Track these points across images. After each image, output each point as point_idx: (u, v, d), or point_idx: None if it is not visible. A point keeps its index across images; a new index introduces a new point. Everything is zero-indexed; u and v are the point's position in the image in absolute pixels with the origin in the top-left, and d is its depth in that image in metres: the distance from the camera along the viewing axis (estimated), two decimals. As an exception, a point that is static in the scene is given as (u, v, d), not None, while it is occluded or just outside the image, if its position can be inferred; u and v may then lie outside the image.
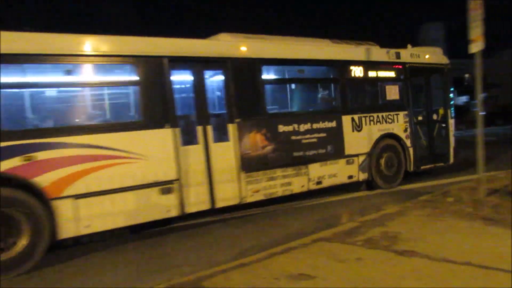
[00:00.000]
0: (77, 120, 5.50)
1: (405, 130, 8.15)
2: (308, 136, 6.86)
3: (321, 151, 6.99)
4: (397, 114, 8.06)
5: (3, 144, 4.53)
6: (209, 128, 5.98)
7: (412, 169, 8.24)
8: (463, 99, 29.12)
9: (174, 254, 4.94)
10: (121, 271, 4.57)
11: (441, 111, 8.76)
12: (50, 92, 5.50)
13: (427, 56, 8.57)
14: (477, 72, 5.71)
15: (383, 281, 3.31)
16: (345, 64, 7.51)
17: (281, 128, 6.62)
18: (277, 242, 4.73)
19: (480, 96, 5.83)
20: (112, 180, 5.16)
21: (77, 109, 5.66)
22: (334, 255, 3.97)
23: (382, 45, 8.32)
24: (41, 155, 4.73)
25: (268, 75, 7.02)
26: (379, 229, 4.68)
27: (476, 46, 5.61)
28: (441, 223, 4.81)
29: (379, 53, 8.01)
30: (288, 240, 4.63)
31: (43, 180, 4.71)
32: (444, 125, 8.76)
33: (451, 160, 8.72)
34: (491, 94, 29.32)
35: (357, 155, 7.46)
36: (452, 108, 8.91)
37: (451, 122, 8.78)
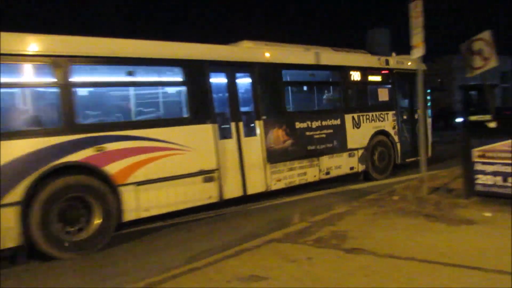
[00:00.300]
0: (137, 115, 6.31)
1: (394, 128, 9.24)
2: (319, 132, 7.79)
3: (329, 145, 7.96)
4: (387, 114, 9.12)
5: (80, 136, 5.13)
6: (241, 124, 6.80)
7: (399, 161, 9.28)
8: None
9: (124, 261, 4.78)
10: (70, 280, 4.38)
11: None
12: (116, 91, 6.34)
13: (409, 63, 9.47)
14: (419, 76, 6.01)
15: (332, 278, 3.39)
16: (347, 69, 8.49)
17: (298, 125, 7.50)
18: (230, 244, 4.71)
19: (421, 98, 6.14)
20: (166, 169, 5.82)
21: (137, 106, 6.41)
22: (285, 255, 4.02)
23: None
24: (109, 147, 5.33)
25: (286, 78, 7.83)
26: (329, 228, 4.79)
27: (418, 52, 5.91)
28: (387, 221, 5.00)
29: (372, 60, 9.16)
30: (241, 242, 4.63)
31: (111, 168, 5.32)
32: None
33: (430, 153, 9.47)
34: (433, 97, 31.03)
35: (357, 149, 8.44)
36: (430, 109, 10.19)
37: (429, 121, 9.84)
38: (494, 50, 7.42)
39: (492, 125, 5.40)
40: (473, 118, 5.66)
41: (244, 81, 7.24)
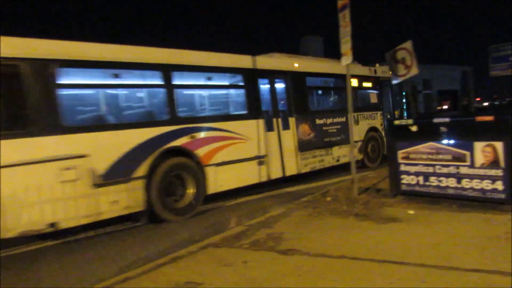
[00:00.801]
0: (214, 111, 8.26)
1: (381, 125, 11.38)
2: (331, 127, 9.68)
3: (339, 138, 9.84)
4: (376, 113, 11.28)
5: (180, 126, 6.64)
6: (280, 120, 8.49)
7: (385, 152, 10.42)
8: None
9: (51, 275, 4.48)
10: None
11: (396, 112, 12.34)
12: (200, 92, 8.24)
13: (390, 72, 10.77)
14: (348, 82, 6.30)
15: (267, 280, 3.44)
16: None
17: (317, 121, 9.34)
18: (165, 252, 4.62)
19: (350, 103, 6.43)
20: (234, 154, 7.43)
21: (214, 104, 8.40)
22: (221, 260, 4.01)
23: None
24: (198, 135, 6.90)
25: (309, 83, 9.50)
26: (265, 231, 4.86)
27: (346, 59, 6.18)
28: (320, 221, 5.17)
29: (365, 69, 11.11)
30: (176, 249, 4.55)
31: (200, 152, 6.89)
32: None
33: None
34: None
35: (357, 142, 10.33)
36: (405, 110, 12.67)
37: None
38: (415, 58, 8.01)
39: (414, 128, 5.78)
40: (397, 122, 6.02)
41: (280, 86, 8.89)
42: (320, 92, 10.67)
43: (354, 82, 10.31)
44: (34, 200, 5.02)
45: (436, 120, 5.63)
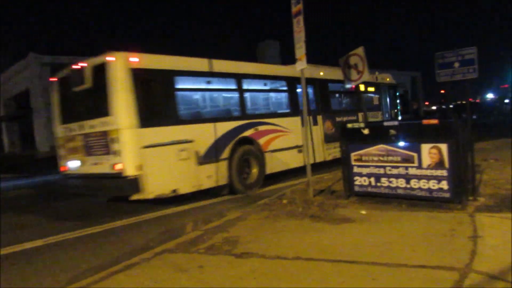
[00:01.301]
0: (268, 110, 10.89)
1: None
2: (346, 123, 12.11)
3: None
4: (378, 112, 13.72)
5: (248, 121, 8.81)
6: (311, 118, 10.51)
7: None
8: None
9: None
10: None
11: (393, 112, 14.87)
12: (260, 94, 10.75)
13: (388, 79, 14.54)
14: (303, 86, 6.42)
15: (222, 284, 3.43)
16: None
17: (337, 119, 11.57)
18: (119, 259, 4.50)
19: (306, 108, 6.56)
20: (281, 143, 9.58)
21: (268, 104, 11.16)
22: (177, 265, 3.95)
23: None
24: (259, 128, 9.04)
25: (330, 88, 11.69)
26: (221, 235, 4.84)
27: (301, 64, 6.31)
28: (276, 224, 5.23)
29: (371, 76, 12.94)
30: (131, 256, 4.43)
31: (261, 141, 9.01)
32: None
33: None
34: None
35: None
36: (399, 112, 15.23)
37: (399, 118, 14.73)
38: (366, 64, 8.29)
39: (366, 131, 5.97)
40: (349, 125, 6.20)
41: (311, 91, 10.96)
42: (338, 95, 12.85)
43: (363, 87, 12.66)
44: (164, 172, 6.96)
45: (386, 123, 5.85)
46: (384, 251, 3.87)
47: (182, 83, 7.80)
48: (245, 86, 9.09)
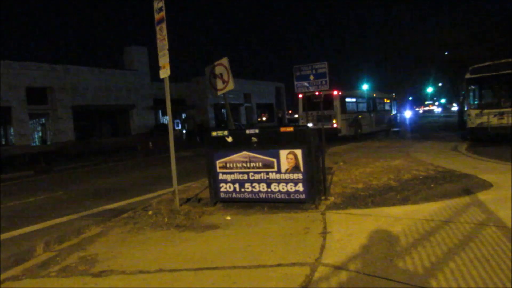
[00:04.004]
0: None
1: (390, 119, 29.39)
2: (380, 117, 26.87)
3: (383, 123, 27.36)
4: (389, 114, 29.12)
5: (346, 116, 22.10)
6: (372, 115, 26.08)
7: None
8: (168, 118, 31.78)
9: None
10: None
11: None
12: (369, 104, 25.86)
13: (393, 94, 30.92)
14: (167, 94, 6.33)
15: (75, 309, 3.15)
16: (380, 98, 27.67)
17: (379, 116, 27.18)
18: None
19: (170, 115, 6.47)
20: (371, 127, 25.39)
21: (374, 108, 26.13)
22: (21, 294, 3.50)
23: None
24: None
25: (376, 101, 27.09)
26: (78, 254, 4.46)
27: (164, 73, 6.21)
28: (140, 237, 5.02)
29: (385, 94, 29.17)
30: (-38, 290, 3.78)
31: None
32: (394, 120, 30.15)
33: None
34: (189, 114, 33.45)
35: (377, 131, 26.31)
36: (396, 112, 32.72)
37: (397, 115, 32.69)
38: (231, 74, 8.57)
39: (230, 139, 6.15)
40: (214, 133, 6.31)
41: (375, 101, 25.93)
42: (377, 103, 25.97)
43: (383, 99, 27.61)
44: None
45: (248, 131, 6.12)
46: (245, 254, 4.02)
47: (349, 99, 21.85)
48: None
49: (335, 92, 20.71)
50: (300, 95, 19.44)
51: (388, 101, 29.03)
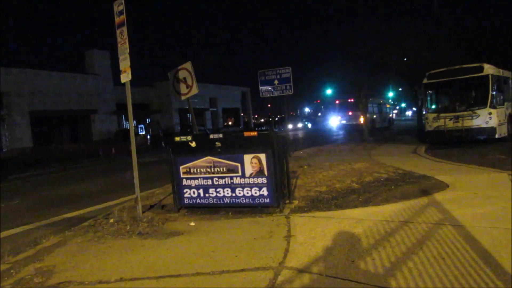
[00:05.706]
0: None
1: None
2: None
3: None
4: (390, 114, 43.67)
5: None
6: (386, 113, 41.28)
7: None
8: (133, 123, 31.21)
9: None
10: None
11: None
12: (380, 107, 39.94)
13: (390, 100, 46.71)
14: (128, 99, 6.20)
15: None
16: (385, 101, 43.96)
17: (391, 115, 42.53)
18: None
19: (131, 120, 6.34)
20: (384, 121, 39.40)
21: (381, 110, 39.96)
22: (-30, 310, 3.32)
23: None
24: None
25: (384, 104, 42.27)
26: (34, 266, 4.27)
27: (126, 77, 6.08)
28: (101, 246, 4.87)
29: (384, 101, 42.20)
30: None
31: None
32: (392, 119, 43.94)
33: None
34: (154, 119, 32.94)
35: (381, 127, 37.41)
36: (393, 115, 47.76)
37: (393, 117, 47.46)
38: (195, 78, 8.52)
39: (193, 144, 6.09)
40: (177, 138, 6.23)
41: (380, 105, 40.24)
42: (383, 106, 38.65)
43: (386, 103, 40.98)
44: None
45: (212, 136, 6.08)
46: (209, 260, 3.98)
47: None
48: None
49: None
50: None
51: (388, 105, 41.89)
